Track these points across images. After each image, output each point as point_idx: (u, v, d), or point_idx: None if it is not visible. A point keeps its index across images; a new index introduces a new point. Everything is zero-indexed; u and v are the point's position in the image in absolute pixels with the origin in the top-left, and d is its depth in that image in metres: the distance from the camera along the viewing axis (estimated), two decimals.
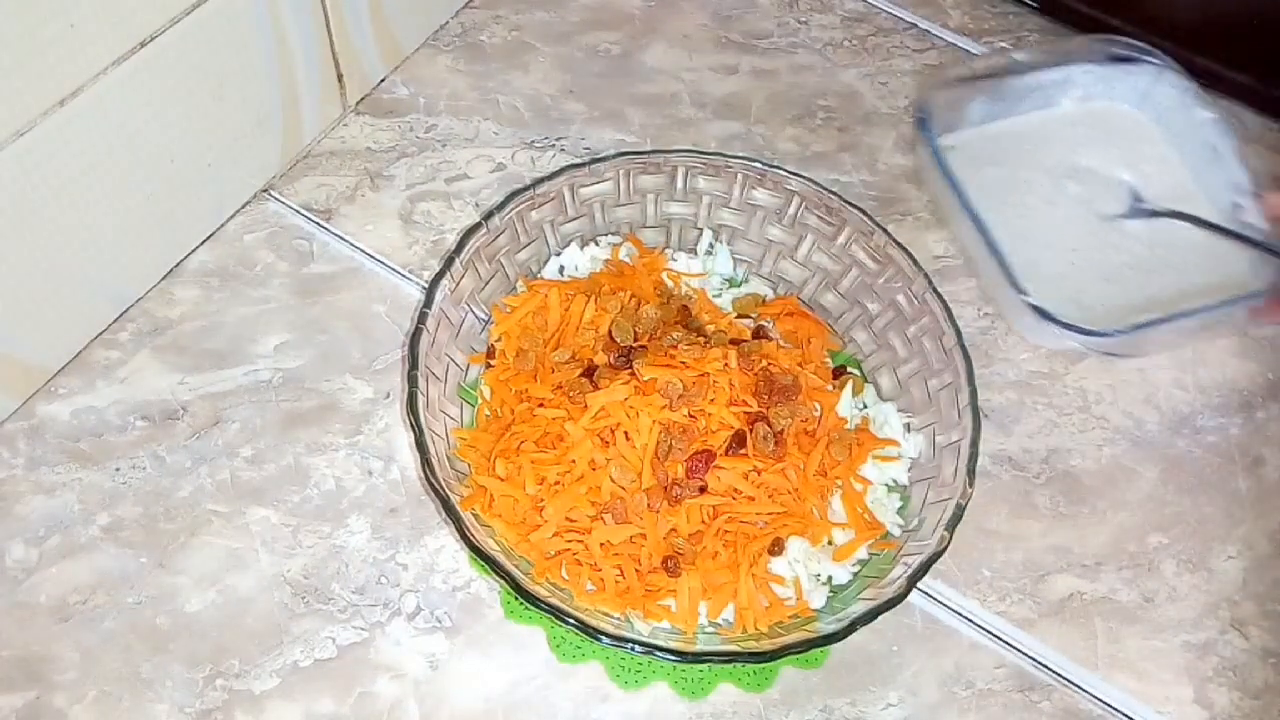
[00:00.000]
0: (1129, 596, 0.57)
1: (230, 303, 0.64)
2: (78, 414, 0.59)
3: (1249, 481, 0.62)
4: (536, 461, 0.53)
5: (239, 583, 0.55)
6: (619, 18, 0.81)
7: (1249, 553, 0.59)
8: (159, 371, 0.61)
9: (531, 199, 0.59)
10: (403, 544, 0.56)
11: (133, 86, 0.55)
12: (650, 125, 0.74)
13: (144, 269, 0.63)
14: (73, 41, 0.51)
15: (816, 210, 0.61)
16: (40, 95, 0.51)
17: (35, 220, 0.54)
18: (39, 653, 0.52)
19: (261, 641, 0.53)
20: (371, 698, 0.52)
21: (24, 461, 0.57)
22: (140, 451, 0.58)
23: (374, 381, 0.62)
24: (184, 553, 0.55)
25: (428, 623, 0.54)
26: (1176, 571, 0.58)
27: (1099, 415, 0.64)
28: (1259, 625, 0.57)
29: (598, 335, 0.57)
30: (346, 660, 0.53)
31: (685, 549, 0.53)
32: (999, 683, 0.54)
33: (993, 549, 0.58)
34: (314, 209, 0.68)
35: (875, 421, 0.58)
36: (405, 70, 0.76)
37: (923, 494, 0.55)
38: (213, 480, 0.58)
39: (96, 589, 0.54)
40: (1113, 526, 0.60)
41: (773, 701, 0.53)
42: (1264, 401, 0.65)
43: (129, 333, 0.62)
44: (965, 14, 0.82)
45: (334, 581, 0.55)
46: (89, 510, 0.56)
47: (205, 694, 0.51)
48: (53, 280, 0.57)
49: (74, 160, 0.54)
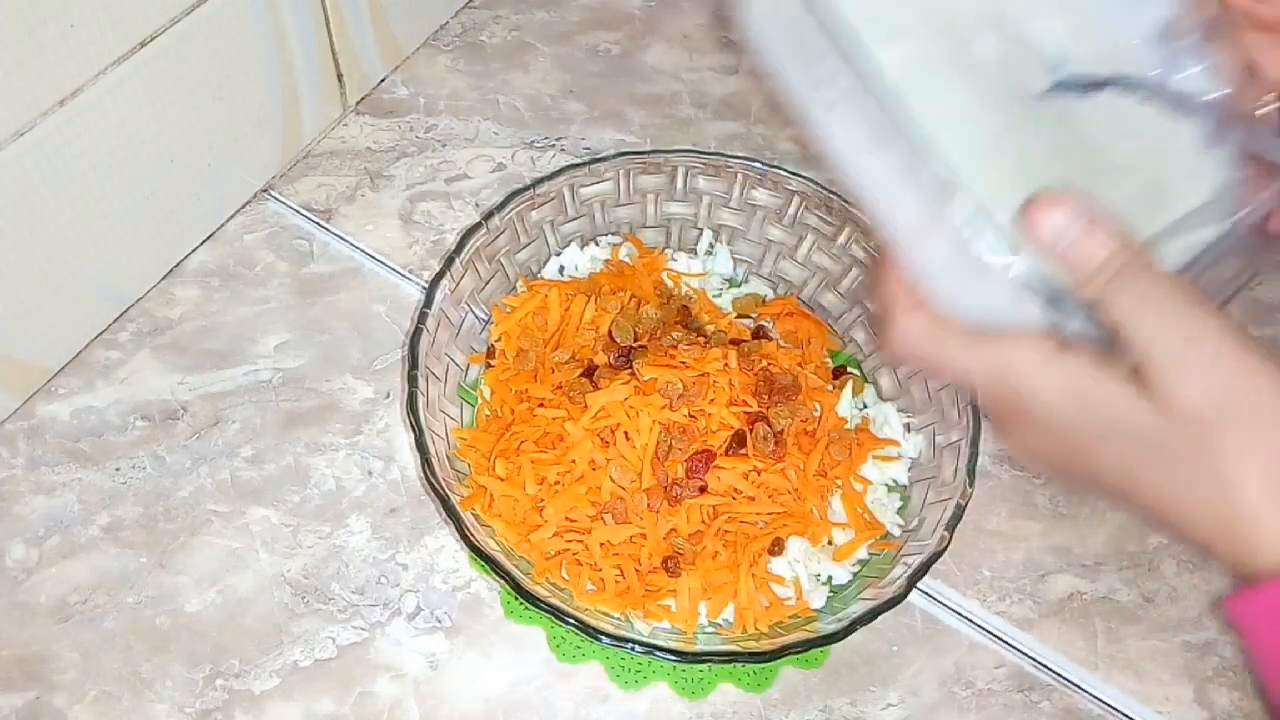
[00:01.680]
0: (1129, 596, 0.57)
1: (230, 303, 0.64)
2: (78, 414, 0.59)
3: None
4: (536, 461, 0.53)
5: (239, 583, 0.55)
6: (619, 18, 0.81)
7: None
8: (159, 371, 0.61)
9: (531, 199, 0.59)
10: (403, 544, 0.56)
11: (133, 86, 0.55)
12: (650, 125, 0.74)
13: (144, 269, 0.63)
14: (73, 41, 0.51)
15: (817, 210, 0.61)
16: (40, 95, 0.51)
17: (35, 220, 0.54)
18: (39, 653, 0.52)
19: (261, 641, 0.53)
20: (371, 698, 0.52)
21: (24, 461, 0.57)
22: (140, 451, 0.58)
23: (374, 381, 0.62)
24: (184, 553, 0.55)
25: (428, 623, 0.54)
26: (1176, 571, 0.58)
27: None
28: None
29: (598, 335, 0.57)
30: (346, 660, 0.53)
31: (685, 549, 0.53)
32: (999, 683, 0.54)
33: (993, 549, 0.58)
34: (314, 209, 0.68)
35: (875, 421, 0.58)
36: (405, 70, 0.76)
37: (923, 494, 0.55)
38: (213, 480, 0.58)
39: (96, 589, 0.54)
40: (1113, 526, 0.60)
41: (773, 701, 0.53)
42: None
43: (129, 333, 0.62)
44: None
45: (334, 581, 0.55)
46: (89, 510, 0.56)
47: (205, 694, 0.51)
48: (53, 280, 0.57)
49: (74, 160, 0.54)
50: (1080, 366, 0.33)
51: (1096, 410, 0.33)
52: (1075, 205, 0.33)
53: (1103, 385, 0.33)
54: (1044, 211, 0.33)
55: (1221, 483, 0.31)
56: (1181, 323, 0.32)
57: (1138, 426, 0.32)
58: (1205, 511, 0.32)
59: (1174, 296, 0.32)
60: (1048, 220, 0.33)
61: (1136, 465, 0.33)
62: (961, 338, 0.36)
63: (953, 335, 0.36)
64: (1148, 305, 0.32)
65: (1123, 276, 0.32)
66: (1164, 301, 0.32)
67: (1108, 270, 0.32)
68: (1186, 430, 0.31)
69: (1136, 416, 0.32)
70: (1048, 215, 0.33)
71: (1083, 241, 0.33)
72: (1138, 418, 0.32)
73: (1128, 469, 0.33)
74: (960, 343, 0.36)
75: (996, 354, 0.35)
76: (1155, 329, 0.32)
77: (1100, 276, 0.33)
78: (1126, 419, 0.32)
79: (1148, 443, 0.32)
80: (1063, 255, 0.33)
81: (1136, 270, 0.32)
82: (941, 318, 0.37)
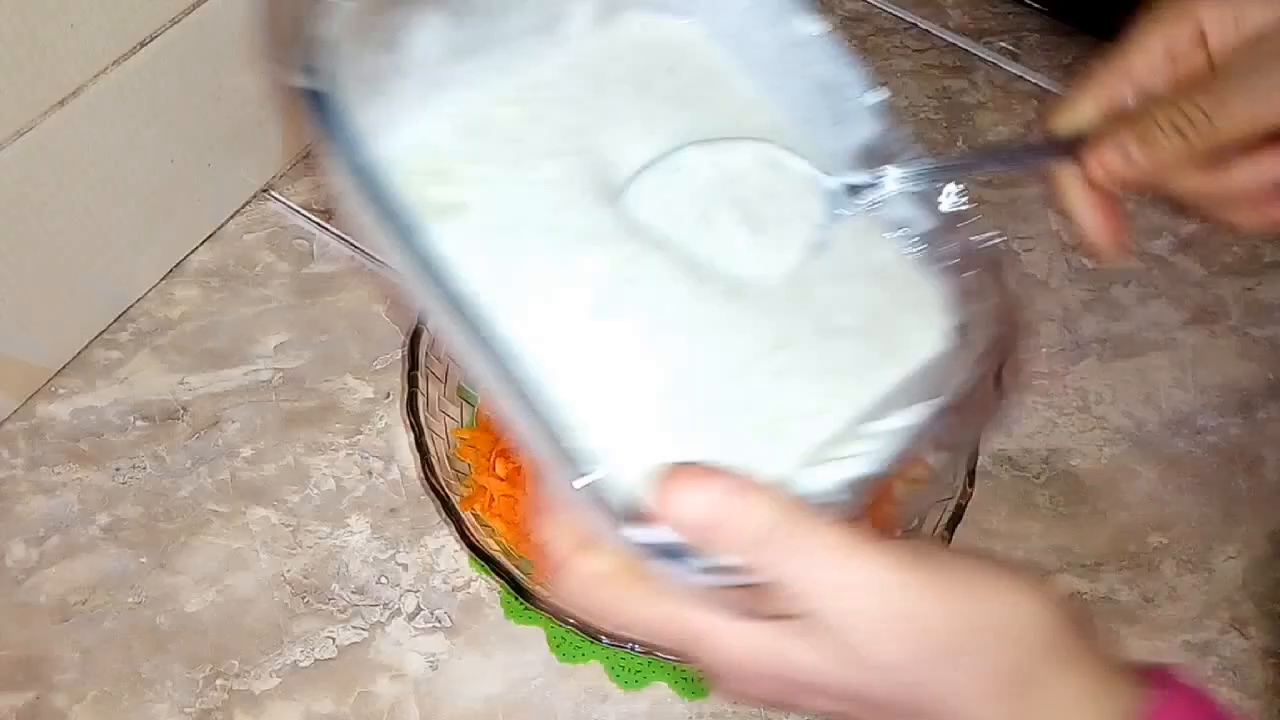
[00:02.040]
0: (1129, 597, 0.57)
1: (230, 303, 0.64)
2: (78, 414, 0.59)
3: (1249, 481, 0.62)
4: None
5: (239, 583, 0.55)
6: None
7: (1249, 553, 0.59)
8: (159, 371, 0.61)
9: None
10: (403, 544, 0.56)
11: (133, 86, 0.55)
12: None
13: (144, 269, 0.63)
14: (73, 41, 0.51)
15: None
16: (40, 95, 0.51)
17: (35, 220, 0.54)
18: (39, 653, 0.52)
19: (261, 641, 0.53)
20: (371, 698, 0.52)
21: (24, 461, 0.57)
22: (140, 451, 0.58)
23: (374, 381, 0.62)
24: (184, 553, 0.55)
25: (428, 623, 0.54)
26: (1176, 572, 0.58)
27: (1099, 415, 0.64)
28: (1259, 625, 0.57)
29: None
30: (346, 660, 0.53)
31: None
32: None
33: (993, 549, 0.58)
34: (314, 209, 0.68)
35: None
36: None
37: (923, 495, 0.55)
38: (213, 480, 0.58)
39: (96, 589, 0.54)
40: (1113, 526, 0.60)
41: None
42: (1264, 401, 0.65)
43: (129, 333, 0.62)
44: (965, 14, 0.82)
45: (334, 581, 0.55)
46: (89, 510, 0.56)
47: (205, 694, 0.51)
48: (53, 280, 0.57)
49: (74, 160, 0.54)
50: (767, 634, 0.31)
51: (795, 672, 0.31)
52: (724, 483, 0.29)
53: (795, 652, 0.30)
54: (684, 491, 0.28)
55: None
56: (855, 584, 0.29)
57: (844, 687, 0.31)
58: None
59: (851, 556, 0.29)
60: (688, 501, 0.28)
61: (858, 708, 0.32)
62: (642, 587, 0.31)
63: (634, 585, 0.31)
64: (818, 571, 0.29)
65: (783, 546, 0.29)
66: (838, 565, 0.29)
67: (765, 541, 0.29)
68: (891, 678, 0.30)
69: (840, 675, 0.30)
70: (688, 496, 0.28)
71: (735, 520, 0.29)
72: (841, 676, 0.30)
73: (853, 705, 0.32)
74: (641, 595, 0.31)
75: (678, 612, 0.31)
76: (831, 597, 0.29)
77: (757, 548, 0.29)
78: (834, 680, 0.31)
79: (860, 694, 0.31)
80: (708, 538, 0.29)
81: (799, 535, 0.29)
82: (617, 561, 0.31)
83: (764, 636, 0.30)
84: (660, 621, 0.31)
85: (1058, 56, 0.80)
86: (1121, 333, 0.67)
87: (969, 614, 0.30)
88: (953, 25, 0.81)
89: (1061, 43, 0.81)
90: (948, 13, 0.82)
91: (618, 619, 0.32)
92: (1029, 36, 0.81)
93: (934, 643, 0.30)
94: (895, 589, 0.29)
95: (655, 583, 0.30)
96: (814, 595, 0.29)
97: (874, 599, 0.29)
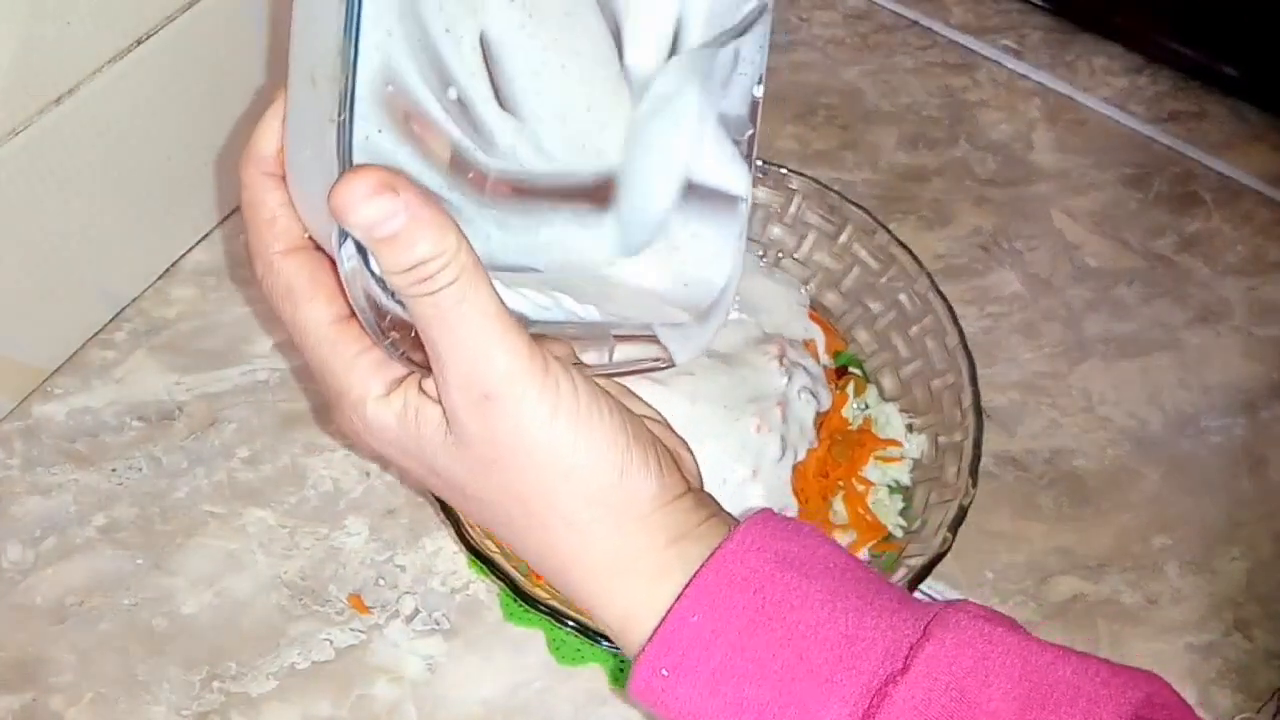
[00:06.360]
0: (1132, 598, 0.57)
1: (227, 302, 0.63)
2: (73, 414, 0.59)
3: (1253, 482, 0.62)
4: None
5: (236, 584, 0.54)
6: None
7: (1253, 554, 0.59)
8: (155, 372, 0.61)
9: None
10: (401, 546, 0.56)
11: (129, 84, 0.55)
12: None
13: (140, 268, 0.63)
14: (69, 39, 0.50)
15: (818, 209, 0.61)
16: (36, 93, 0.51)
17: (30, 219, 0.54)
18: (35, 655, 0.52)
19: (258, 644, 0.53)
20: (369, 700, 0.52)
21: (20, 462, 0.57)
22: (136, 452, 0.58)
23: None
24: (180, 554, 0.55)
25: (426, 625, 0.54)
26: (1180, 573, 0.58)
27: (1102, 416, 0.63)
28: (1263, 627, 0.57)
29: None
30: (344, 662, 0.53)
31: None
32: None
33: (996, 550, 0.58)
34: None
35: (877, 422, 0.58)
36: None
37: (925, 495, 0.54)
38: (209, 481, 0.57)
39: (93, 590, 0.54)
40: (1116, 528, 0.59)
41: None
42: (1269, 402, 0.65)
43: (125, 333, 0.62)
44: (968, 11, 0.82)
45: (331, 583, 0.55)
46: (85, 511, 0.56)
47: (202, 696, 0.51)
48: (48, 280, 0.57)
49: (70, 159, 0.54)
50: (399, 409, 0.33)
51: (421, 450, 0.33)
52: (407, 194, 0.28)
53: (422, 430, 0.32)
54: (363, 193, 0.27)
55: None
56: (480, 361, 0.29)
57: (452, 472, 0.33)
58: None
59: (493, 332, 0.29)
60: (366, 203, 0.27)
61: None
62: (320, 302, 0.36)
63: (314, 294, 0.35)
64: (461, 331, 0.29)
65: (444, 290, 0.28)
66: (481, 336, 0.29)
67: (428, 277, 0.28)
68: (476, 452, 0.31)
69: (448, 461, 0.32)
70: (370, 200, 0.27)
71: (405, 235, 0.28)
72: (450, 462, 0.32)
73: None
74: (313, 310, 0.36)
75: (342, 379, 0.34)
76: (461, 361, 0.29)
77: (417, 280, 0.28)
78: (444, 464, 0.32)
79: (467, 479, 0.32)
80: (379, 243, 0.28)
81: (461, 286, 0.29)
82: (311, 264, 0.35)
83: (399, 416, 0.33)
84: (313, 346, 0.36)
85: (1061, 54, 0.80)
86: (1125, 333, 0.67)
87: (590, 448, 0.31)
88: (955, 23, 0.81)
89: (1064, 40, 0.80)
90: (950, 10, 0.82)
91: (284, 315, 0.36)
92: (1032, 34, 0.81)
93: (531, 443, 0.31)
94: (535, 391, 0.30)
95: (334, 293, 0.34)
96: (451, 360, 0.30)
97: (504, 387, 0.30)
